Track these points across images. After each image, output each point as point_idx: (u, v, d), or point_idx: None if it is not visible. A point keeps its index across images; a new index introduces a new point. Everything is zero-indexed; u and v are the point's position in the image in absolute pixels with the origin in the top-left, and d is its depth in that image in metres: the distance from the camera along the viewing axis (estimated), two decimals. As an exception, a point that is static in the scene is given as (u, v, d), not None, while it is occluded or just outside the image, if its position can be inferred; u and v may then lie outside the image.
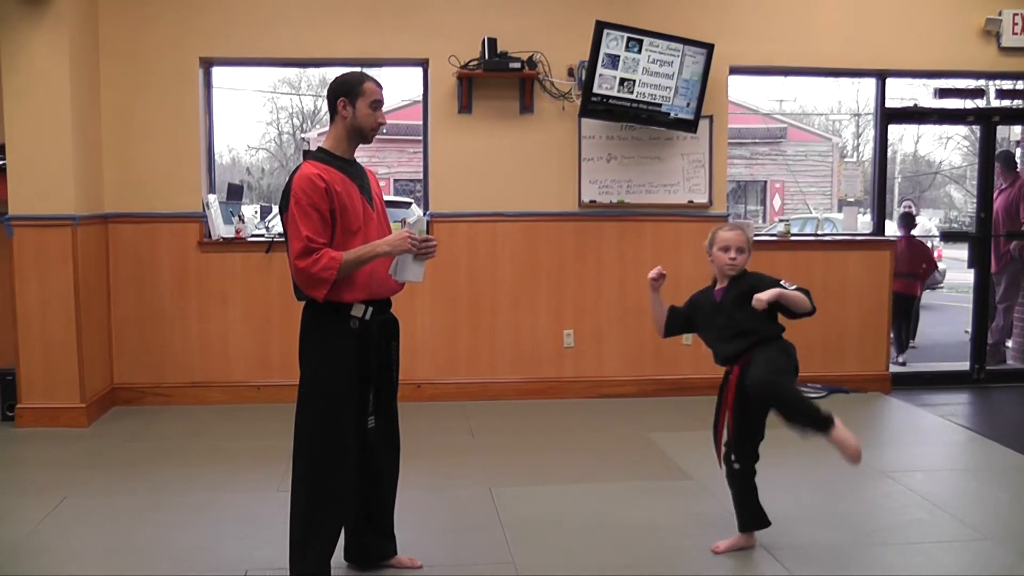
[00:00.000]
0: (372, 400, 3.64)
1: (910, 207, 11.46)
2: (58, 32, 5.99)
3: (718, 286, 4.07)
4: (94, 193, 6.49)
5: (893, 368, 7.60)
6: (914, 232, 9.13)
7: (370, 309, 3.58)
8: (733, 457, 4.02)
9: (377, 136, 3.72)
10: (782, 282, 3.87)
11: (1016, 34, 7.14)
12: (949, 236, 13.96)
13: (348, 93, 3.55)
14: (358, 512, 3.78)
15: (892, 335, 7.80)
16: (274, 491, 4.76)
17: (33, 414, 6.17)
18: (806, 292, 3.88)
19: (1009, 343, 8.47)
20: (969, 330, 9.71)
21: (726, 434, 4.03)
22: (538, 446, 5.87)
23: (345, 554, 3.88)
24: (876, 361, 7.36)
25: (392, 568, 3.90)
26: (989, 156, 7.92)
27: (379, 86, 3.61)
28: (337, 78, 3.62)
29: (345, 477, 3.58)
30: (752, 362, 3.85)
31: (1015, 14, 7.13)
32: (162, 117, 6.67)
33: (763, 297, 3.78)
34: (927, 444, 6.15)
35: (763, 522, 4.08)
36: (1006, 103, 7.80)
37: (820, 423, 3.65)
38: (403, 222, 3.77)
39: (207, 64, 6.89)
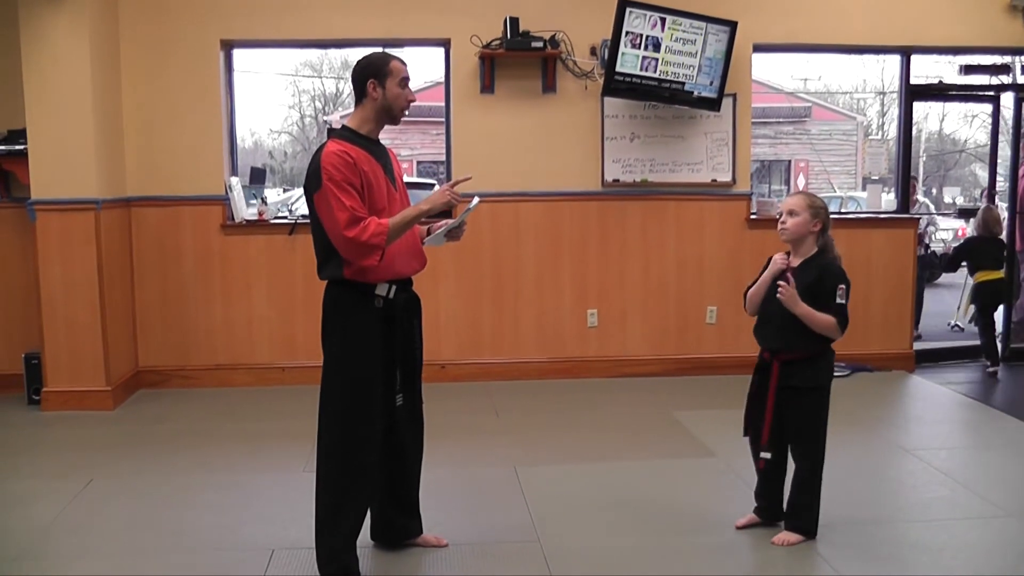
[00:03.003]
0: (399, 378, 3.65)
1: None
2: (79, 15, 6.00)
3: (791, 259, 3.90)
4: (117, 177, 6.52)
5: (916, 346, 7.56)
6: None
7: (393, 287, 3.59)
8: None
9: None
10: (838, 290, 3.75)
11: (1043, 10, 7.05)
12: (969, 213, 13.82)
13: (377, 74, 3.52)
14: (383, 489, 3.80)
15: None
16: (299, 471, 4.80)
17: (59, 397, 6.22)
18: (843, 319, 3.75)
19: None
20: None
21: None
22: (562, 425, 5.87)
23: (371, 533, 3.90)
24: (900, 339, 7.33)
25: (418, 546, 3.91)
26: (1015, 133, 7.82)
27: (404, 64, 3.60)
28: (362, 60, 3.59)
29: (370, 455, 3.58)
30: (801, 409, 3.85)
31: (1042, -11, 7.03)
32: (184, 100, 6.68)
33: (786, 294, 3.71)
34: (950, 422, 6.13)
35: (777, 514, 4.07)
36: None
37: (811, 522, 3.92)
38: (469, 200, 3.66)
39: (228, 46, 6.89)
